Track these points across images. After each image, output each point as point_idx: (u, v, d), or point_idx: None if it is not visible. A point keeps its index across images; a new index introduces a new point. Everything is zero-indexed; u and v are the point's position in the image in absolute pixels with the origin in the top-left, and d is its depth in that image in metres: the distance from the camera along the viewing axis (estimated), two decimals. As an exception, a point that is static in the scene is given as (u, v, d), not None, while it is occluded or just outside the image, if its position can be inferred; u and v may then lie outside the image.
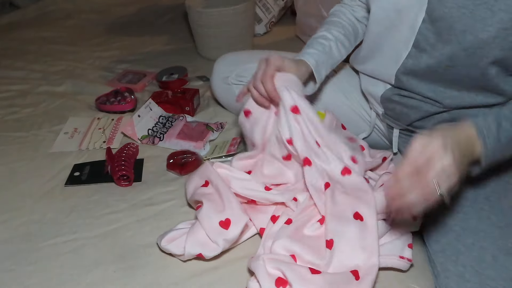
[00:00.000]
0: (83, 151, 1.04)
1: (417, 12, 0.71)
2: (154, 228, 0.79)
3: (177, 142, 1.03)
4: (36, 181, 0.94)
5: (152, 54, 1.57)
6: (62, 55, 1.58)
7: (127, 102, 1.18)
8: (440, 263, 0.68)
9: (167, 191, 0.89)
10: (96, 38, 1.74)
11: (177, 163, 0.93)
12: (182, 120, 1.10)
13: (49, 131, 1.12)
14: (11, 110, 1.23)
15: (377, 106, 0.88)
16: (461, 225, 0.70)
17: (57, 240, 0.79)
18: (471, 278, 0.64)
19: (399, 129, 0.89)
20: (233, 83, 1.05)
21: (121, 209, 0.85)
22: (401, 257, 0.67)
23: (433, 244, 0.72)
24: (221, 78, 1.07)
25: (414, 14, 0.71)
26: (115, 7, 2.08)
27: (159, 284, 0.69)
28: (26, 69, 1.47)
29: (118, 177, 0.90)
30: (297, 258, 0.66)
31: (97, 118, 1.16)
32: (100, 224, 0.81)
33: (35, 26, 1.87)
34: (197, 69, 1.41)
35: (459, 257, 0.67)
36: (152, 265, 0.72)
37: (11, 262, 0.75)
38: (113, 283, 0.70)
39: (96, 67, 1.48)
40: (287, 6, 1.73)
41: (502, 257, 0.64)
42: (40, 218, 0.84)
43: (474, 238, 0.68)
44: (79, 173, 0.95)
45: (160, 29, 1.81)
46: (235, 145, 1.00)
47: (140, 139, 1.05)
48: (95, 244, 0.77)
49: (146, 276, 0.70)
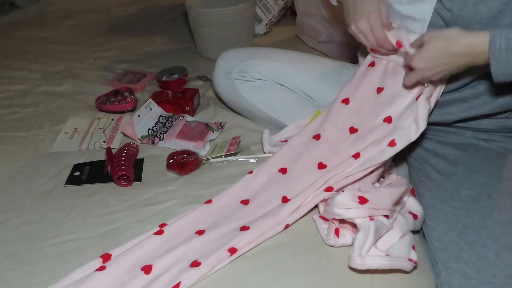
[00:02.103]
0: (83, 151, 1.04)
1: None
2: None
3: (177, 142, 1.03)
4: (36, 181, 0.94)
5: (152, 54, 1.57)
6: (62, 55, 1.58)
7: (127, 102, 1.18)
8: (442, 261, 0.68)
9: (167, 191, 0.89)
10: (96, 38, 1.73)
11: (177, 163, 0.93)
12: (182, 120, 1.10)
13: (49, 131, 1.12)
14: (11, 110, 1.23)
15: None
16: (463, 223, 0.70)
17: (57, 240, 0.78)
18: (473, 276, 0.64)
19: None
20: (236, 78, 1.05)
21: (121, 209, 0.85)
22: (409, 260, 0.67)
23: (434, 242, 0.72)
24: (223, 73, 1.07)
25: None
26: (115, 7, 2.07)
27: (160, 283, 0.69)
28: (26, 69, 1.47)
29: (118, 177, 0.90)
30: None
31: (97, 118, 1.16)
32: (100, 224, 0.81)
33: (35, 26, 1.87)
34: (197, 69, 1.41)
35: (462, 254, 0.67)
36: (152, 265, 0.72)
37: (11, 262, 0.74)
38: (113, 283, 0.69)
39: (96, 67, 1.48)
40: (287, 6, 1.73)
41: (504, 254, 0.64)
42: (40, 218, 0.84)
43: (476, 235, 0.68)
44: (79, 173, 0.95)
45: (160, 29, 1.80)
46: (235, 144, 1.00)
47: (140, 139, 1.05)
48: (95, 244, 0.77)
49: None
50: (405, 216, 0.74)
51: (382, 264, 0.65)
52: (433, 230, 0.73)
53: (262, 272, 0.69)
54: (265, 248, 0.73)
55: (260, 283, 0.67)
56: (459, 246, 0.68)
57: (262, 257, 0.71)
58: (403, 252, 0.68)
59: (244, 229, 0.74)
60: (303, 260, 0.71)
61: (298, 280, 0.67)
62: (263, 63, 1.02)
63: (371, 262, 0.65)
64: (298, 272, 0.69)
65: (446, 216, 0.73)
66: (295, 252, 0.72)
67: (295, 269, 0.69)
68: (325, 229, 0.74)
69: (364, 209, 0.68)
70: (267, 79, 1.02)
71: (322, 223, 0.76)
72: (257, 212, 0.78)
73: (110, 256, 0.72)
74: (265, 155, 0.96)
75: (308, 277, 0.68)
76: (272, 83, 1.02)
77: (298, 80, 1.01)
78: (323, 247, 0.73)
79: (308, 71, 1.01)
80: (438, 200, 0.76)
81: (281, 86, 1.02)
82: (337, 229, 0.73)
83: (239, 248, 0.71)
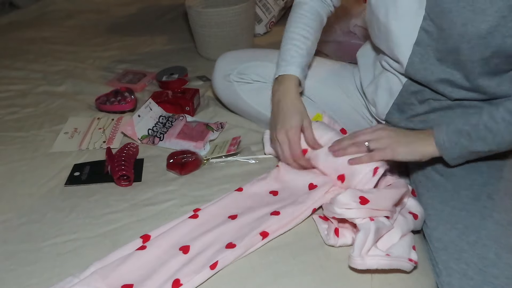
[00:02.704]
0: (83, 151, 1.04)
1: (416, 10, 0.71)
2: (154, 228, 0.79)
3: (177, 142, 1.03)
4: (36, 181, 0.94)
5: (152, 54, 1.57)
6: (62, 55, 1.58)
7: (127, 102, 1.18)
8: (442, 261, 0.68)
9: (167, 191, 0.89)
10: (96, 38, 1.74)
11: (177, 163, 0.93)
12: (182, 120, 1.10)
13: (49, 131, 1.12)
14: (11, 110, 1.23)
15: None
16: (463, 223, 0.70)
17: (57, 240, 0.78)
18: (474, 276, 0.64)
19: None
20: (234, 80, 1.05)
21: (121, 209, 0.85)
22: (410, 260, 0.67)
23: (435, 242, 0.72)
24: (222, 75, 1.07)
25: (414, 12, 0.72)
26: (115, 7, 2.08)
27: (160, 284, 0.69)
28: (26, 69, 1.47)
29: (118, 177, 0.90)
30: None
31: (97, 118, 1.16)
32: (100, 224, 0.81)
33: (35, 26, 1.87)
34: (197, 69, 1.41)
35: (462, 255, 0.67)
36: (153, 265, 0.72)
37: (11, 262, 0.74)
38: (113, 283, 0.69)
39: (96, 67, 1.48)
40: (287, 6, 1.73)
41: (505, 254, 0.64)
42: (40, 218, 0.84)
43: (477, 236, 0.68)
44: (79, 173, 0.95)
45: (160, 29, 1.80)
46: (235, 144, 1.00)
47: (140, 139, 1.05)
48: (95, 244, 0.77)
49: (147, 276, 0.70)
50: (405, 216, 0.74)
51: (382, 264, 0.65)
52: (433, 231, 0.73)
53: (262, 272, 0.69)
54: (265, 248, 0.73)
55: (260, 283, 0.67)
56: (459, 247, 0.68)
57: (262, 257, 0.71)
58: (403, 252, 0.68)
59: (275, 213, 0.76)
60: (303, 260, 0.71)
61: (298, 280, 0.67)
62: (261, 64, 1.03)
63: (371, 262, 0.65)
64: (298, 272, 0.69)
65: (446, 216, 0.73)
66: (295, 252, 0.72)
67: (295, 269, 0.69)
68: (325, 229, 0.75)
69: (364, 210, 0.68)
70: (265, 80, 1.02)
71: (322, 223, 0.76)
72: (286, 200, 0.80)
73: (150, 237, 0.75)
74: (265, 156, 0.96)
75: (308, 277, 0.68)
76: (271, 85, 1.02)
77: None
78: (323, 247, 0.73)
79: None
80: (438, 200, 0.76)
81: None
82: (337, 229, 0.73)
83: (271, 232, 0.74)
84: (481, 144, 0.71)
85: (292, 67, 0.87)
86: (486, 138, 0.70)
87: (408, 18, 0.74)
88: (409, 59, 0.77)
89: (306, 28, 0.90)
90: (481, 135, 0.70)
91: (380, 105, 0.88)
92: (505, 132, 0.69)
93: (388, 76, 0.85)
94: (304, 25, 0.90)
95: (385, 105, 0.87)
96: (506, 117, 0.68)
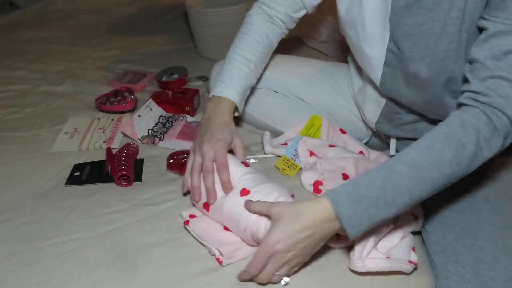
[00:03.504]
0: (83, 151, 1.04)
1: (382, 31, 0.73)
2: (154, 228, 0.79)
3: (177, 142, 1.03)
4: (36, 181, 0.94)
5: (152, 54, 1.58)
6: (62, 55, 1.58)
7: (127, 102, 1.18)
8: (440, 264, 0.68)
9: (167, 191, 0.89)
10: (96, 38, 1.74)
11: (177, 163, 0.93)
12: (182, 120, 1.10)
13: (49, 131, 1.12)
14: (11, 110, 1.23)
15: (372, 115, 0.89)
16: (460, 226, 0.70)
17: (57, 240, 0.79)
18: (471, 279, 0.64)
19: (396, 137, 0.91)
20: None
21: (121, 209, 0.85)
22: (409, 262, 0.67)
23: (432, 245, 0.72)
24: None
25: (380, 33, 0.73)
26: (115, 7, 2.08)
27: (159, 284, 0.69)
28: (26, 69, 1.47)
29: (118, 177, 0.90)
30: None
31: (97, 118, 1.16)
32: (100, 224, 0.81)
33: (35, 26, 1.87)
34: (197, 69, 1.41)
35: (459, 257, 0.67)
36: (152, 265, 0.72)
37: (11, 262, 0.75)
38: (113, 283, 0.69)
39: (96, 67, 1.48)
40: (287, 6, 1.72)
41: (502, 257, 0.64)
42: (40, 218, 0.84)
43: (473, 238, 0.68)
44: (79, 173, 0.95)
45: (160, 29, 1.81)
46: (235, 145, 1.00)
47: (140, 139, 1.05)
48: (95, 244, 0.77)
49: (146, 276, 0.70)
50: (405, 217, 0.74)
51: (382, 267, 0.65)
52: (431, 234, 0.73)
53: (262, 273, 0.69)
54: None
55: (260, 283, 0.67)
56: (456, 249, 0.68)
57: (262, 258, 0.71)
58: (403, 254, 0.68)
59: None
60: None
61: (298, 280, 0.68)
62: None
63: (371, 265, 0.65)
64: (298, 272, 0.69)
65: (443, 219, 0.73)
66: (295, 253, 0.72)
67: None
68: None
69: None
70: (261, 86, 1.02)
71: None
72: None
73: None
74: (265, 156, 0.96)
75: (308, 277, 0.68)
76: (266, 90, 1.02)
77: (290, 85, 1.01)
78: (323, 247, 0.73)
79: (300, 75, 1.01)
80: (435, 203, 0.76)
81: (275, 92, 1.02)
82: None
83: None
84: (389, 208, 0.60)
85: (229, 90, 0.84)
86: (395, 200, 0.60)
87: (375, 40, 0.76)
88: (381, 79, 0.79)
89: (250, 50, 0.88)
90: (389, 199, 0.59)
91: (368, 115, 0.90)
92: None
93: (374, 86, 0.85)
94: (248, 47, 0.88)
95: (373, 115, 0.89)
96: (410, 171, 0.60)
